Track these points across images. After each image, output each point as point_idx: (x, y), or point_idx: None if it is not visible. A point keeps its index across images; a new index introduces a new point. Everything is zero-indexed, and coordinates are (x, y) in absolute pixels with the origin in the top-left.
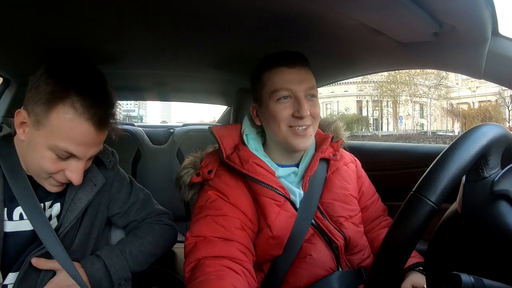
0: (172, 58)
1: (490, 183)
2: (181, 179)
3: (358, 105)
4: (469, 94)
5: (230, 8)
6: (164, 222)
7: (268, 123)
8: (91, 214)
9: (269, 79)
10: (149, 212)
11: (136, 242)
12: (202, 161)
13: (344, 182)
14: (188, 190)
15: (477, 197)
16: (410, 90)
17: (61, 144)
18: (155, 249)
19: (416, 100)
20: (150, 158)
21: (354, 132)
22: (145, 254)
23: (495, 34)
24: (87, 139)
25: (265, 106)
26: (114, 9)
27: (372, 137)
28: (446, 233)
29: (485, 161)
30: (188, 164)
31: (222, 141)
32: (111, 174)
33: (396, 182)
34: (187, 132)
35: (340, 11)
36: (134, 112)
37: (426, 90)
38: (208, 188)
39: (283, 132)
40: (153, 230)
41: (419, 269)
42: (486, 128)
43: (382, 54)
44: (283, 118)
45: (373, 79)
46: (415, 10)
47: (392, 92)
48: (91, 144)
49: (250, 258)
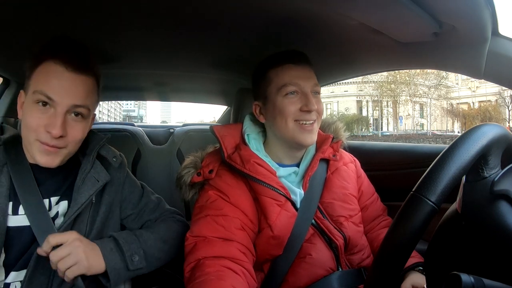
0: (172, 58)
1: (490, 183)
2: (182, 178)
3: (358, 105)
4: (469, 94)
5: (230, 8)
6: (177, 219)
7: (274, 118)
8: (104, 214)
9: (277, 75)
10: (162, 211)
11: (148, 230)
12: (203, 160)
13: (344, 182)
14: (189, 189)
15: (477, 197)
16: (410, 90)
17: (40, 87)
18: (167, 237)
19: (416, 100)
20: (150, 158)
21: (354, 132)
22: (156, 239)
23: (495, 34)
24: (64, 83)
25: (271, 102)
26: (114, 9)
27: (372, 137)
28: (446, 233)
29: (485, 161)
30: (189, 163)
31: (223, 140)
32: (120, 174)
33: (396, 182)
34: (187, 132)
35: (340, 11)
36: (134, 112)
37: (426, 90)
38: (208, 188)
39: (290, 127)
40: (166, 222)
41: (419, 269)
42: (486, 128)
43: (382, 54)
44: (291, 112)
45: (373, 79)
46: (415, 10)
47: (392, 92)
48: (67, 89)
49: (250, 258)
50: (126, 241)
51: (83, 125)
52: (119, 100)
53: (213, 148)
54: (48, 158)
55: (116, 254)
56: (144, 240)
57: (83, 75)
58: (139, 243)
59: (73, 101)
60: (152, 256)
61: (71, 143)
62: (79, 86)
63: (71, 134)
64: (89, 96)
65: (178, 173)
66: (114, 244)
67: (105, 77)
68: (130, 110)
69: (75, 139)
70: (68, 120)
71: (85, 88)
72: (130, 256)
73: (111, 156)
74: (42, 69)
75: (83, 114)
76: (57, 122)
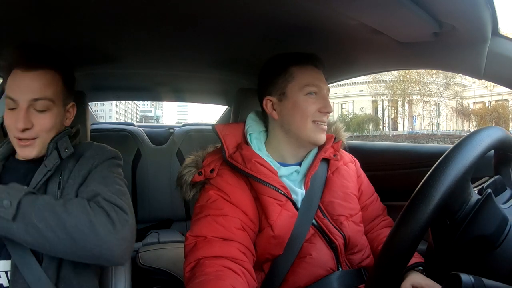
0: (172, 58)
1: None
2: (183, 178)
3: (373, 105)
4: (485, 93)
5: (230, 8)
6: (101, 205)
7: (292, 116)
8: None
9: (301, 73)
10: (100, 191)
11: (59, 200)
12: (204, 160)
13: (344, 181)
14: (190, 189)
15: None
16: (423, 90)
17: (7, 93)
18: (66, 214)
19: (427, 99)
20: (150, 158)
21: (366, 132)
22: (50, 204)
23: (495, 34)
24: (19, 82)
25: (290, 99)
26: (114, 10)
27: (382, 137)
28: (436, 233)
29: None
30: (190, 163)
31: (225, 140)
32: (71, 164)
33: (396, 182)
34: (187, 132)
35: (340, 11)
36: (151, 112)
37: (441, 89)
38: (209, 188)
39: (308, 127)
40: (80, 201)
41: (419, 269)
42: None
43: (382, 54)
44: (311, 112)
45: (383, 78)
46: (415, 10)
47: (402, 92)
48: (24, 87)
49: (250, 258)
50: (13, 186)
51: (49, 115)
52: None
53: (213, 147)
54: (25, 151)
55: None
56: (35, 199)
57: (38, 70)
58: (22, 194)
59: (30, 96)
60: (27, 216)
61: (41, 132)
62: (35, 82)
63: (38, 124)
64: (47, 88)
65: (179, 172)
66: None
67: (105, 77)
68: (147, 110)
69: (44, 128)
70: (33, 113)
71: (41, 82)
72: (1, 198)
73: (63, 148)
74: (10, 77)
75: (47, 106)
76: (20, 116)
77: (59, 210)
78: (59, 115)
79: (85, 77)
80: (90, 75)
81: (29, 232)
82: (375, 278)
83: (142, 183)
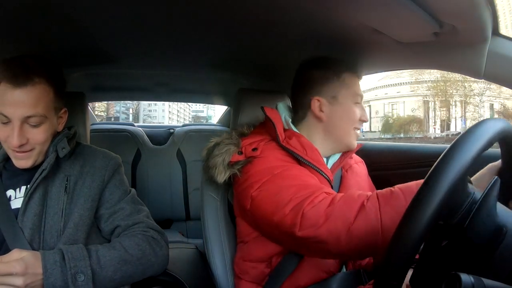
0: (172, 58)
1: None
2: (220, 156)
3: (425, 105)
4: None
5: (230, 8)
6: (151, 234)
7: (340, 120)
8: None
9: (354, 82)
10: (138, 221)
11: (109, 245)
12: (241, 141)
13: (358, 179)
14: (225, 170)
15: None
16: (465, 90)
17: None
18: (130, 256)
19: (470, 101)
20: (150, 158)
21: (410, 134)
22: (115, 257)
23: (495, 34)
24: (10, 98)
25: (342, 106)
26: (114, 9)
27: (422, 139)
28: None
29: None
30: (222, 142)
31: (277, 124)
32: (70, 166)
33: (396, 182)
34: (187, 132)
35: (340, 11)
36: (203, 112)
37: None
38: (257, 161)
39: (351, 133)
40: (135, 237)
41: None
42: None
43: (382, 54)
44: (355, 120)
45: (431, 78)
46: (415, 10)
47: (443, 92)
48: (16, 104)
49: None
50: (73, 257)
51: (43, 129)
52: (118, 100)
53: (242, 129)
54: (21, 162)
55: (59, 269)
56: (97, 258)
57: (28, 86)
58: (88, 261)
59: (23, 113)
60: (104, 277)
61: (36, 145)
62: (25, 98)
63: (33, 138)
64: (39, 103)
65: (209, 152)
66: (60, 258)
67: (105, 77)
68: (199, 110)
69: (38, 142)
70: (27, 129)
71: (32, 97)
72: (73, 274)
73: (60, 148)
74: (0, 92)
75: (40, 120)
76: (14, 134)
77: (123, 255)
78: (53, 125)
79: (85, 77)
80: (90, 75)
81: (111, 285)
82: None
83: (142, 183)
